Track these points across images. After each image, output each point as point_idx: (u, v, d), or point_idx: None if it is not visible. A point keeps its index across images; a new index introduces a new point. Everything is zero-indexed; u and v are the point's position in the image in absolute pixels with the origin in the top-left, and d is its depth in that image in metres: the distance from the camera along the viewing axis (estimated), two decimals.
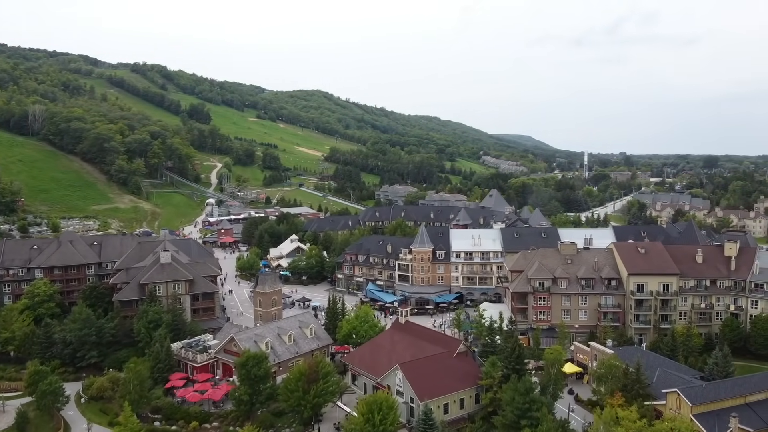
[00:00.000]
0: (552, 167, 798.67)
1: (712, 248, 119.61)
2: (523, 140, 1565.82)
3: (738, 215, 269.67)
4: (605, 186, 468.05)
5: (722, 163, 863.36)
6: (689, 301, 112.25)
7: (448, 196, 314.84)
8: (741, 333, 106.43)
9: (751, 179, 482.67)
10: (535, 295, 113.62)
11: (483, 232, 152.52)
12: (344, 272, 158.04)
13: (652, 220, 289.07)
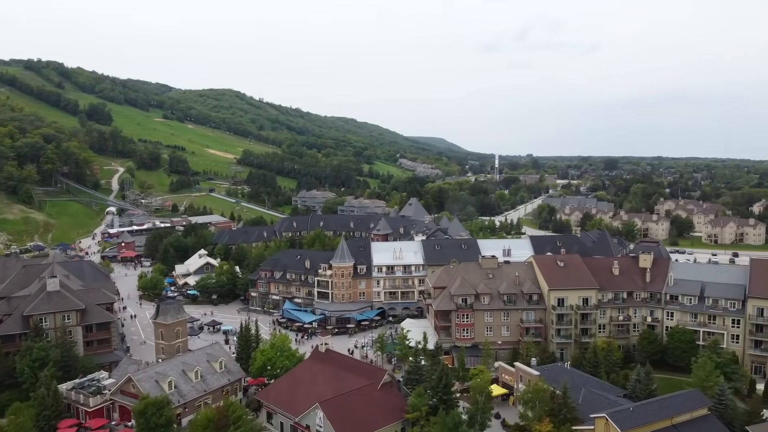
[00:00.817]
0: (465, 170, 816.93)
1: (627, 260, 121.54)
2: (437, 143, 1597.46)
3: (641, 218, 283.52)
4: (516, 189, 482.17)
5: (621, 165, 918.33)
6: (608, 314, 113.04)
7: (368, 202, 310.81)
8: (658, 345, 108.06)
9: (650, 181, 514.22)
10: (459, 313, 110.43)
11: (404, 244, 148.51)
12: (259, 290, 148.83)
13: (562, 223, 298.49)
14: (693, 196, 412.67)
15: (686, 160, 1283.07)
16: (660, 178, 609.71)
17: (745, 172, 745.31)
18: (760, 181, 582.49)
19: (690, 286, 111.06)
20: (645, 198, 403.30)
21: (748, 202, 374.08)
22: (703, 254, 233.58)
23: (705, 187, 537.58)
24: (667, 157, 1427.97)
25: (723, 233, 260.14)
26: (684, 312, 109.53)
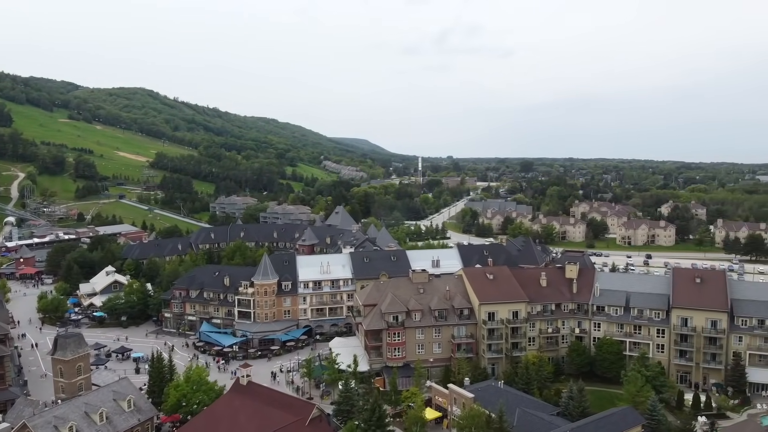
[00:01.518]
0: (389, 172, 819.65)
1: (554, 270, 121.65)
2: (361, 144, 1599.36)
3: (559, 222, 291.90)
4: (439, 192, 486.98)
5: (537, 167, 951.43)
6: (537, 327, 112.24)
7: (292, 208, 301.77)
8: (587, 357, 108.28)
9: (564, 183, 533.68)
10: (390, 331, 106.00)
11: (332, 257, 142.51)
12: (173, 310, 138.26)
13: (485, 227, 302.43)
14: (605, 198, 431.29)
15: (595, 161, 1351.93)
16: (573, 180, 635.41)
17: (650, 173, 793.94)
18: (665, 182, 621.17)
19: (615, 296, 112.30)
20: (561, 200, 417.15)
21: (656, 203, 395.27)
22: (618, 256, 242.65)
23: (615, 188, 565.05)
24: (578, 158, 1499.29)
25: (636, 235, 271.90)
26: (610, 323, 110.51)
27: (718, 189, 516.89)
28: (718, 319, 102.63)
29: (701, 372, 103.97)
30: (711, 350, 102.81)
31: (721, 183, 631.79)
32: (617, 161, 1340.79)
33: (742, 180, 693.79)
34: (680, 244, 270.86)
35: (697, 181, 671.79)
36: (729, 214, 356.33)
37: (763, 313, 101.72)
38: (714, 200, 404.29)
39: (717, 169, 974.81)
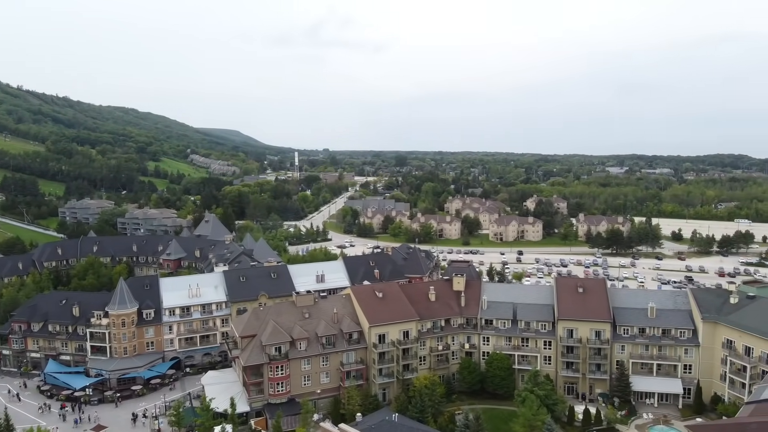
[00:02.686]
0: (264, 167, 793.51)
1: (442, 283, 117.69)
2: (232, 135, 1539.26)
3: (436, 220, 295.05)
4: (318, 189, 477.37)
5: (410, 161, 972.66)
6: (427, 345, 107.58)
7: (155, 213, 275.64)
8: (478, 375, 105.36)
9: (437, 178, 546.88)
10: (272, 365, 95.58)
11: (202, 278, 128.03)
12: (12, 347, 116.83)
13: (365, 227, 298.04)
14: (475, 193, 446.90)
15: (462, 154, 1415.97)
16: (445, 174, 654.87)
17: (513, 167, 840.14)
18: (527, 175, 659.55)
19: (503, 308, 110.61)
20: (435, 196, 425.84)
21: (521, 197, 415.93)
22: (493, 253, 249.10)
23: (483, 182, 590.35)
24: (446, 151, 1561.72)
25: (507, 231, 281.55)
26: (499, 336, 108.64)
27: (575, 182, 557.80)
28: (602, 330, 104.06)
29: (587, 383, 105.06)
30: (596, 360, 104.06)
31: (577, 175, 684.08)
32: (482, 154, 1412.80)
33: (594, 172, 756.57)
34: (547, 239, 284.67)
35: (555, 174, 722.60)
36: (587, 207, 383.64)
37: (642, 321, 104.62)
38: (573, 194, 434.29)
39: (571, 161, 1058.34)
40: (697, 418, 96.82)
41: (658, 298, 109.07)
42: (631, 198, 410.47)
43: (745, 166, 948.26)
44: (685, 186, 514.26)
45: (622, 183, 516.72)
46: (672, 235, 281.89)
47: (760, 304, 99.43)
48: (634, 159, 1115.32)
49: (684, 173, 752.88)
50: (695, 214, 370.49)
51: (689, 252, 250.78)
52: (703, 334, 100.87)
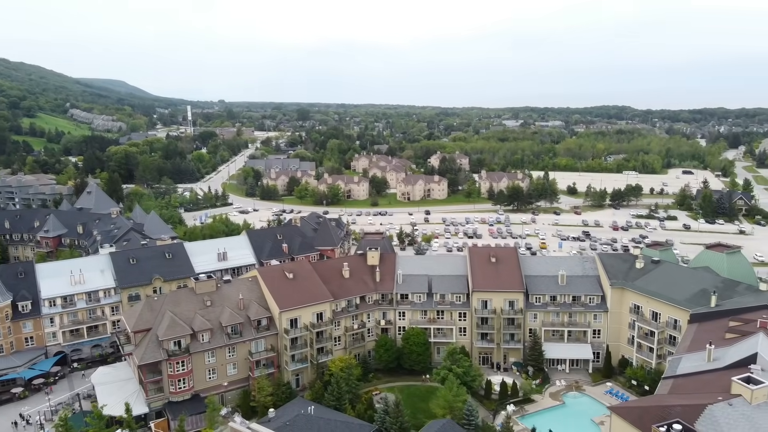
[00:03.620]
0: (153, 122, 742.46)
1: (356, 259, 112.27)
2: (116, 86, 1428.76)
3: (344, 180, 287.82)
4: (214, 147, 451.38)
5: (313, 114, 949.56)
6: (342, 325, 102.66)
7: (31, 179, 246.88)
8: (394, 352, 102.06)
9: (341, 134, 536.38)
10: (171, 361, 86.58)
11: (86, 262, 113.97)
12: None
13: (269, 189, 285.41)
14: (381, 150, 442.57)
15: (365, 107, 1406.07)
16: (349, 130, 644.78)
17: (415, 121, 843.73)
18: (429, 130, 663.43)
19: (418, 282, 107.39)
20: (341, 154, 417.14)
21: (426, 154, 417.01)
22: (401, 213, 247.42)
23: (387, 137, 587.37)
24: (349, 104, 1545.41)
25: (414, 191, 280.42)
26: (415, 311, 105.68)
27: (475, 137, 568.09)
28: (515, 299, 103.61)
29: (502, 352, 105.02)
30: (510, 330, 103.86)
31: (476, 129, 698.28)
32: (384, 107, 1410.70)
33: (492, 126, 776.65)
34: (452, 197, 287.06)
35: (455, 128, 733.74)
36: (488, 162, 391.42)
37: (553, 289, 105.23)
38: (474, 149, 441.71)
39: (470, 115, 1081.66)
40: (606, 382, 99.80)
41: (568, 265, 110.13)
42: (528, 153, 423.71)
43: (628, 117, 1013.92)
44: (577, 139, 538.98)
45: (519, 137, 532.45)
46: (568, 190, 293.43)
47: (664, 269, 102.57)
48: (527, 111, 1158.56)
49: (574, 125, 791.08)
50: (587, 167, 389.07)
51: (584, 206, 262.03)
52: (612, 299, 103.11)
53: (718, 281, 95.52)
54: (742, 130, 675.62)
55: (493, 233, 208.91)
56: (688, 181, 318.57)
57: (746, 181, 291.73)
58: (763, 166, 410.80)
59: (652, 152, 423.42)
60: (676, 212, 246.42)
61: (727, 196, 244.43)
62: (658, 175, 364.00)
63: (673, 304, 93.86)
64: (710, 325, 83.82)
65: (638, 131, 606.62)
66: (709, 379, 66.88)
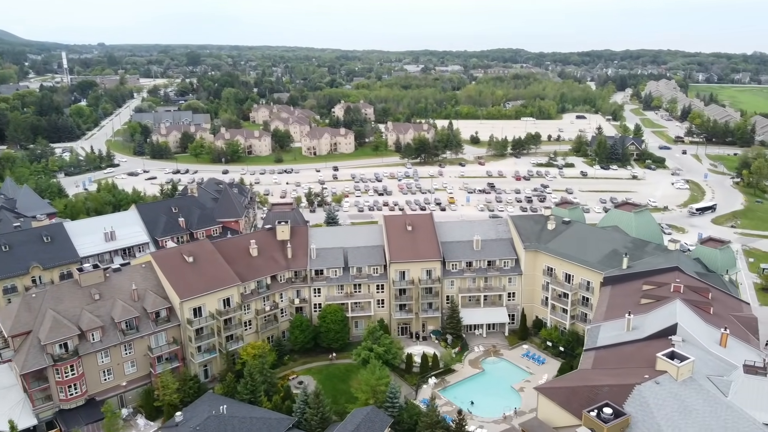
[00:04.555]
0: (25, 71, 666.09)
1: (264, 234, 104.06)
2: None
3: (243, 135, 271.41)
4: (95, 98, 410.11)
5: (204, 58, 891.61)
6: (253, 308, 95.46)
7: None
8: (310, 332, 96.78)
9: (237, 81, 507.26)
10: (58, 367, 76.15)
11: None
12: None
13: (161, 147, 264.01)
14: (282, 99, 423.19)
15: (261, 50, 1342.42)
16: (245, 76, 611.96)
17: (315, 65, 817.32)
18: (331, 76, 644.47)
19: (333, 256, 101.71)
20: (238, 104, 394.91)
21: (329, 103, 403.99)
22: (308, 170, 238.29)
23: (287, 83, 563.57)
24: (243, 45, 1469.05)
25: (320, 145, 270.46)
26: (331, 286, 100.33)
27: (378, 84, 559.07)
28: (432, 268, 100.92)
29: (420, 321, 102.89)
30: (428, 299, 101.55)
31: (378, 75, 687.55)
32: (282, 50, 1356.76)
33: (393, 71, 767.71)
34: (359, 150, 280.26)
35: (358, 74, 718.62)
36: (393, 111, 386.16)
37: (469, 254, 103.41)
38: (378, 98, 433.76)
39: (371, 58, 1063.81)
40: (523, 344, 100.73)
41: (482, 229, 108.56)
42: (431, 101, 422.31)
43: (522, 60, 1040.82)
44: (476, 85, 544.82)
45: (422, 84, 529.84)
46: (471, 139, 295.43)
47: (575, 230, 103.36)
48: (427, 55, 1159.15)
49: (473, 69, 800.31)
50: (488, 114, 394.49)
51: (487, 156, 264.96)
52: (526, 262, 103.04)
53: (628, 241, 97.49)
54: (628, 72, 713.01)
55: (403, 189, 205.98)
56: (583, 127, 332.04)
57: (637, 126, 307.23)
58: (648, 109, 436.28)
59: (548, 98, 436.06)
60: (573, 159, 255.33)
61: (620, 141, 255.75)
62: (553, 120, 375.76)
63: (585, 266, 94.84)
64: (624, 288, 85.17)
65: (533, 76, 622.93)
66: (631, 351, 67.30)
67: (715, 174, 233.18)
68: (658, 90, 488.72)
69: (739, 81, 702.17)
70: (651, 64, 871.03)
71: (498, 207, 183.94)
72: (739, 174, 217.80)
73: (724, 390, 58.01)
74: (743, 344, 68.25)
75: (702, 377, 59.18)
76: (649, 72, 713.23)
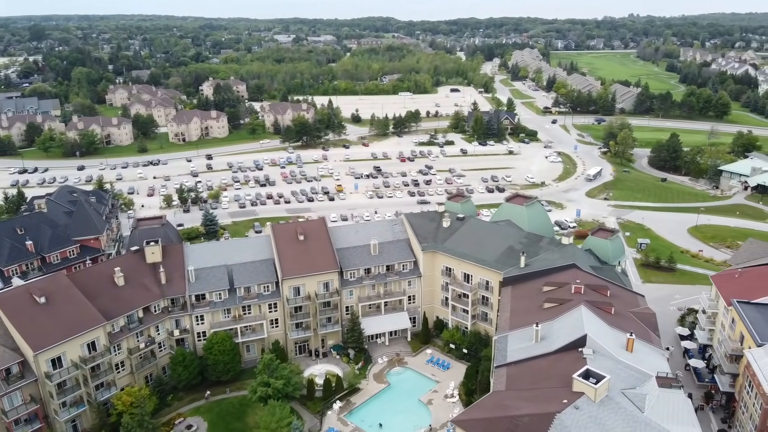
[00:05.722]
0: None
1: (130, 258, 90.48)
2: None
3: (99, 124, 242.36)
4: None
5: (50, 32, 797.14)
6: (124, 347, 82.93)
7: None
8: (195, 367, 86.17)
9: (90, 59, 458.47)
10: None
11: None
12: None
13: (2, 142, 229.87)
14: (142, 78, 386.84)
15: (115, 19, 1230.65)
16: (98, 51, 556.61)
17: (178, 37, 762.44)
18: (196, 49, 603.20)
19: (216, 276, 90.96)
20: (92, 85, 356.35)
21: (197, 81, 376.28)
22: (177, 160, 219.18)
23: (147, 59, 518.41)
24: (94, 15, 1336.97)
25: (189, 130, 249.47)
26: (216, 312, 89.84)
27: (248, 56, 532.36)
28: (330, 280, 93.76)
29: (319, 338, 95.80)
30: (326, 314, 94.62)
31: (248, 47, 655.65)
32: (138, 19, 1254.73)
33: (264, 42, 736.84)
34: (234, 134, 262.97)
35: (225, 45, 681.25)
36: (267, 88, 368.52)
37: (367, 260, 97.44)
38: (250, 73, 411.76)
39: (238, 28, 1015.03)
40: (426, 349, 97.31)
41: (378, 231, 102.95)
42: (307, 76, 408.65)
43: (393, 29, 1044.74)
44: (351, 58, 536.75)
45: (295, 57, 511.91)
46: (352, 118, 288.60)
47: (470, 226, 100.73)
48: (297, 23, 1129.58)
49: (345, 40, 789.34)
50: (366, 89, 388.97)
51: (370, 136, 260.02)
52: (424, 263, 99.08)
53: (522, 236, 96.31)
54: (494, 41, 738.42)
55: (287, 177, 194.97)
56: (457, 101, 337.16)
57: (510, 100, 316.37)
58: (516, 79, 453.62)
59: (422, 71, 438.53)
60: (453, 136, 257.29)
61: (495, 116, 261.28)
62: (430, 94, 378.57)
63: (484, 266, 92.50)
64: (525, 289, 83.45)
65: (406, 47, 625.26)
66: (543, 367, 65.02)
67: (583, 144, 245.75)
68: (523, 60, 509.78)
69: (594, 47, 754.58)
70: (514, 32, 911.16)
71: (386, 192, 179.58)
72: (606, 144, 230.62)
73: (640, 405, 57.19)
74: (647, 346, 68.75)
75: (617, 393, 58.01)
76: (513, 41, 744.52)
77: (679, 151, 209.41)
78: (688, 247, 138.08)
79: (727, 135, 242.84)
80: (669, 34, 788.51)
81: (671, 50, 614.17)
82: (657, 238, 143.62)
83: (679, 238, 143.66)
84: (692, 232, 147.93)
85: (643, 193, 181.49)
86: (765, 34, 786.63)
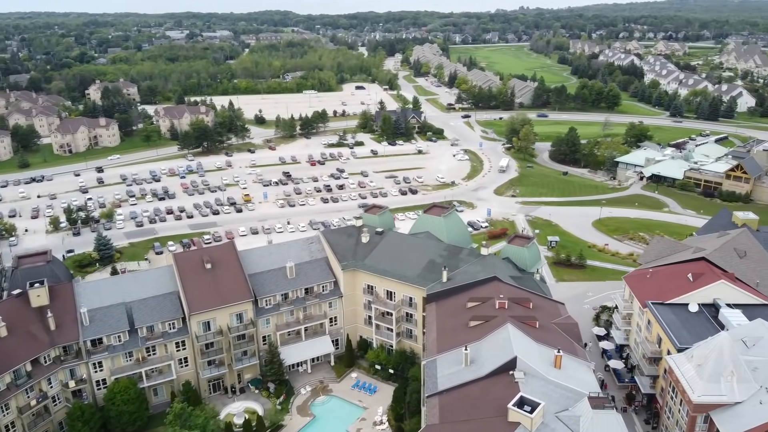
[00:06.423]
0: None
1: (12, 304, 79.10)
2: None
3: None
4: None
5: None
6: (12, 406, 72.66)
7: None
8: (96, 419, 77.11)
9: None
10: None
11: None
12: None
13: None
14: (21, 84, 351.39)
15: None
16: None
17: (59, 35, 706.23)
18: (80, 49, 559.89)
19: (113, 316, 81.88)
20: None
21: (82, 84, 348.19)
22: (63, 174, 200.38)
23: (27, 62, 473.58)
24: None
25: (76, 140, 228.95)
26: (116, 356, 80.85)
27: (138, 55, 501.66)
28: (243, 311, 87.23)
29: (235, 374, 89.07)
30: (241, 347, 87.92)
31: (137, 45, 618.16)
32: (16, 17, 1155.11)
33: (155, 38, 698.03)
34: (127, 141, 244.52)
35: (112, 43, 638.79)
36: (161, 90, 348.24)
37: (283, 285, 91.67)
38: (141, 74, 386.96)
39: (126, 24, 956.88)
40: (351, 373, 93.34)
41: (294, 252, 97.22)
42: (204, 75, 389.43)
43: (292, 23, 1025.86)
44: (250, 55, 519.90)
45: (190, 55, 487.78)
46: (255, 119, 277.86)
47: (389, 241, 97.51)
48: (190, 18, 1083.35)
49: (243, 35, 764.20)
50: (268, 88, 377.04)
51: (277, 138, 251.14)
52: (345, 283, 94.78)
53: (442, 249, 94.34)
54: (395, 36, 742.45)
55: (188, 188, 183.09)
56: (363, 98, 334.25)
57: (415, 99, 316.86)
58: (419, 75, 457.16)
59: (326, 68, 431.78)
60: (362, 136, 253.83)
61: (402, 115, 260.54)
62: (335, 92, 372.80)
63: (406, 282, 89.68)
64: (449, 305, 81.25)
65: (307, 43, 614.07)
66: (476, 394, 62.73)
67: (487, 140, 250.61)
68: (424, 55, 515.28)
69: (490, 41, 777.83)
70: (413, 26, 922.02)
71: (299, 200, 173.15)
72: (509, 140, 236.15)
73: (575, 429, 56.27)
74: (574, 360, 68.46)
75: (552, 418, 56.79)
76: (413, 36, 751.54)
77: (578, 144, 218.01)
78: (595, 241, 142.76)
79: (619, 126, 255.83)
80: (558, 27, 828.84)
81: (561, 42, 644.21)
82: (564, 233, 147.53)
83: (585, 233, 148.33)
84: (596, 225, 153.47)
85: (548, 188, 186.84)
86: (646, 24, 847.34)
